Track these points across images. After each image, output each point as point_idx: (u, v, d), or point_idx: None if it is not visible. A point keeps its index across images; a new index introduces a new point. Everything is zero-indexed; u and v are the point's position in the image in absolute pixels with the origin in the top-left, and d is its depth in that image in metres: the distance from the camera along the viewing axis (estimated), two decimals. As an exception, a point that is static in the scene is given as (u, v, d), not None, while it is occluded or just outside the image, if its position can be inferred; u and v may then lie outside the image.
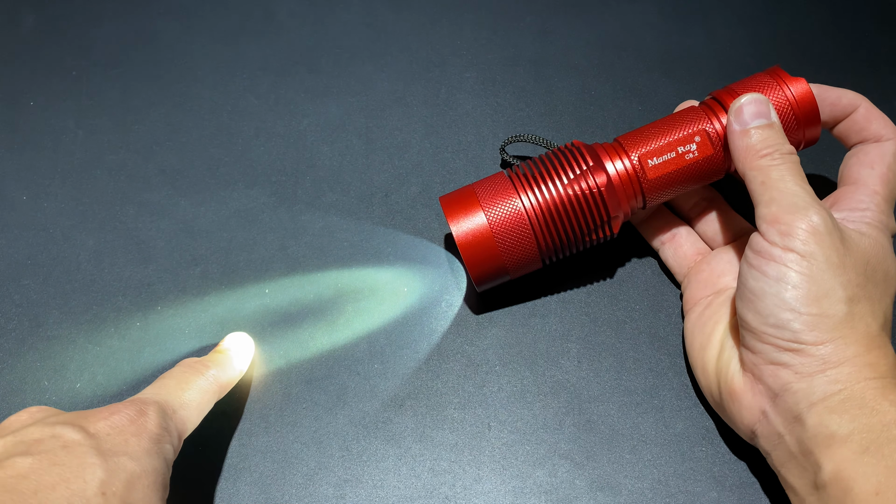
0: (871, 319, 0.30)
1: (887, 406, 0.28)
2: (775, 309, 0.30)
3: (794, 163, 0.32)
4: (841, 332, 0.29)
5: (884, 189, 0.33)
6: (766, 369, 0.30)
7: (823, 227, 0.30)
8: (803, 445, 0.29)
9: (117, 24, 0.50)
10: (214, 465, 0.35)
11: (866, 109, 0.35)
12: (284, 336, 0.39)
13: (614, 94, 0.47)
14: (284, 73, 0.48)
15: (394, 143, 0.45)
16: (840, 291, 0.29)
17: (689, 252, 0.39)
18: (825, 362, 0.29)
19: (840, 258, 0.30)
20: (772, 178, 0.31)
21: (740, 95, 0.34)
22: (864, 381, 0.28)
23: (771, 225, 0.31)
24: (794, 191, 0.31)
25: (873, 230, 0.32)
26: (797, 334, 0.29)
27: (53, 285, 0.41)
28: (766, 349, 0.30)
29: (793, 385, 0.29)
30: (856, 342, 0.29)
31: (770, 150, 0.32)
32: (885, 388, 0.28)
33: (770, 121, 0.33)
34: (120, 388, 0.38)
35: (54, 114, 0.47)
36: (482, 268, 0.36)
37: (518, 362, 0.38)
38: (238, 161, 0.45)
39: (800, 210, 0.30)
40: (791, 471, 0.30)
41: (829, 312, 0.29)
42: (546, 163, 0.36)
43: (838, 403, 0.28)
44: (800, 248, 0.30)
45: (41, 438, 0.27)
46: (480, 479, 0.35)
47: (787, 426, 0.30)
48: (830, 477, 0.27)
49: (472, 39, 0.49)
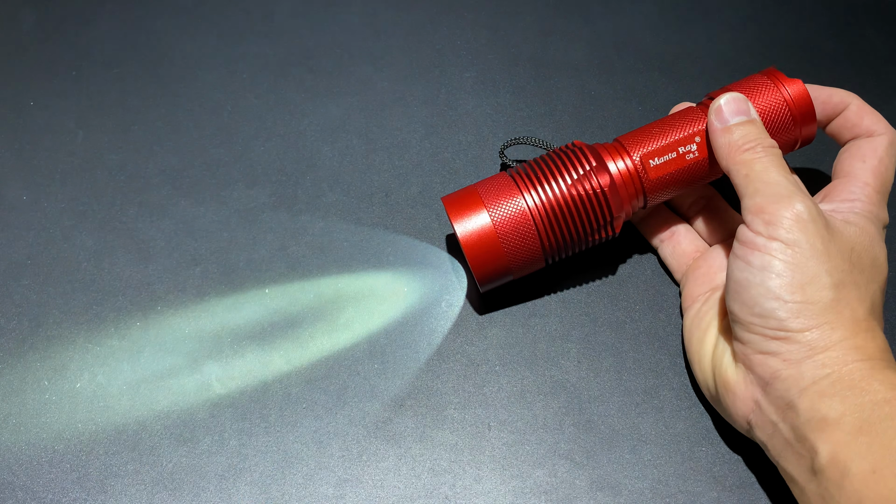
0: (857, 305, 0.30)
1: (877, 385, 0.28)
2: (760, 298, 0.30)
3: (776, 155, 0.32)
4: (827, 318, 0.29)
5: (875, 181, 0.34)
6: (756, 358, 0.31)
7: (807, 214, 0.30)
8: (798, 432, 0.29)
9: (117, 24, 0.50)
10: (214, 465, 0.35)
11: (857, 106, 0.36)
12: (284, 336, 0.39)
13: (614, 94, 0.47)
14: (284, 73, 0.48)
15: (394, 143, 0.45)
16: (825, 278, 0.30)
17: (687, 250, 0.39)
18: (812, 348, 0.29)
19: (825, 245, 0.30)
20: (755, 171, 0.32)
21: (719, 96, 0.35)
22: (852, 363, 0.29)
23: (756, 215, 0.31)
24: (778, 181, 0.31)
25: (861, 219, 0.32)
26: (783, 322, 0.30)
27: (53, 285, 0.41)
28: (755, 339, 0.31)
29: (782, 372, 0.30)
30: (842, 326, 0.29)
31: (752, 145, 0.33)
32: (873, 369, 0.28)
33: (750, 117, 0.34)
34: (120, 388, 0.38)
35: (54, 114, 0.47)
36: (486, 268, 0.36)
37: (518, 362, 0.38)
38: (238, 161, 0.44)
39: (783, 199, 0.31)
40: (788, 459, 0.30)
41: (814, 299, 0.29)
42: (549, 163, 0.36)
43: (828, 386, 0.28)
44: (784, 236, 0.30)
45: None
46: (480, 479, 0.35)
47: (780, 414, 0.30)
48: (827, 460, 0.28)
49: (472, 39, 0.49)
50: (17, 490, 0.35)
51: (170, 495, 0.35)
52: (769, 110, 0.35)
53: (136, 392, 0.37)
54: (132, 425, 0.36)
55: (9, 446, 0.36)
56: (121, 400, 0.37)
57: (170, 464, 0.35)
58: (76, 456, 0.36)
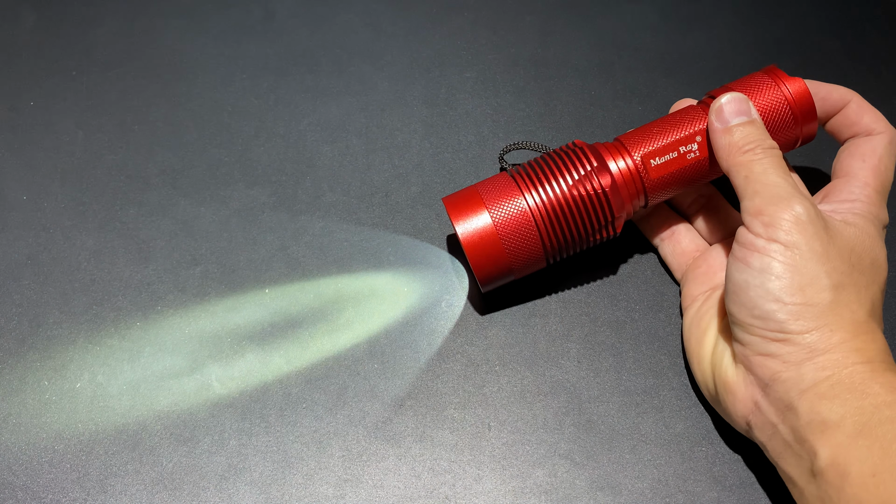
0: (856, 306, 0.30)
1: (877, 388, 0.28)
2: (759, 300, 0.30)
3: (776, 157, 0.32)
4: (826, 320, 0.29)
5: (875, 181, 0.34)
6: (756, 360, 0.31)
7: (806, 216, 0.30)
8: (797, 434, 0.29)
9: (117, 24, 0.50)
10: (214, 465, 0.35)
11: (857, 104, 0.36)
12: (284, 336, 0.39)
13: (614, 94, 0.47)
14: (284, 73, 0.48)
15: (394, 143, 0.45)
16: (825, 279, 0.30)
17: (687, 249, 0.39)
18: (812, 350, 0.29)
19: (824, 247, 0.30)
20: (755, 172, 0.32)
21: (720, 96, 0.34)
22: (852, 365, 0.29)
23: (755, 217, 0.31)
24: (777, 182, 0.31)
25: (860, 220, 0.32)
26: (782, 324, 0.30)
27: (53, 285, 0.41)
28: (754, 341, 0.30)
29: (782, 374, 0.30)
30: (842, 329, 0.29)
31: (752, 146, 0.33)
32: (873, 372, 0.28)
33: (751, 117, 0.34)
34: (120, 388, 0.38)
35: (54, 114, 0.47)
36: (487, 269, 0.36)
37: (518, 362, 0.38)
38: (238, 161, 0.44)
39: (783, 201, 0.31)
40: (788, 461, 0.30)
41: (814, 301, 0.29)
42: (550, 163, 0.36)
43: (828, 389, 0.28)
44: (783, 238, 0.30)
45: None
46: (480, 479, 0.35)
47: (779, 415, 0.30)
48: (826, 463, 0.27)
49: (472, 39, 0.49)
50: (17, 490, 0.35)
51: (170, 495, 0.35)
52: (770, 109, 0.35)
53: (136, 392, 0.37)
54: (132, 425, 0.36)
55: (9, 446, 0.36)
56: (121, 400, 0.37)
57: (170, 464, 0.35)
58: (76, 456, 0.36)
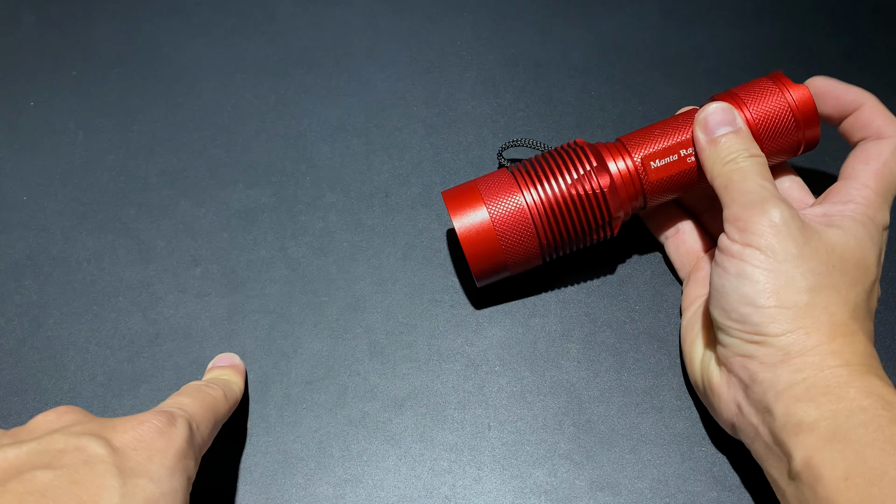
0: (836, 308, 0.30)
1: (853, 393, 0.28)
2: (736, 304, 0.30)
3: (756, 164, 0.33)
4: (802, 322, 0.29)
5: (876, 184, 0.33)
6: (736, 361, 0.31)
7: (780, 219, 0.30)
8: (775, 436, 0.29)
9: (117, 24, 0.50)
10: (214, 465, 0.35)
11: (871, 107, 0.35)
12: (284, 336, 0.39)
13: (614, 94, 0.47)
14: (284, 73, 0.48)
15: (394, 143, 0.45)
16: (800, 281, 0.30)
17: (692, 248, 0.39)
18: (787, 353, 0.29)
19: (799, 249, 0.30)
20: (733, 181, 0.32)
21: (705, 105, 0.35)
22: (828, 369, 0.29)
23: (732, 223, 0.32)
24: (752, 189, 0.32)
25: (849, 221, 0.32)
26: (758, 327, 0.30)
27: (53, 285, 0.41)
28: (734, 342, 0.31)
29: (759, 375, 0.30)
30: (818, 331, 0.29)
31: (734, 156, 0.33)
32: (850, 376, 0.28)
33: (735, 127, 0.34)
34: (120, 388, 0.38)
35: (54, 114, 0.47)
36: (483, 263, 0.36)
37: (518, 362, 0.38)
38: (238, 161, 0.44)
39: (756, 206, 0.31)
40: (770, 462, 0.30)
41: (789, 303, 0.30)
42: (549, 161, 0.36)
43: (803, 392, 0.29)
44: (757, 242, 0.30)
45: (64, 449, 0.26)
46: (480, 479, 0.35)
47: (759, 417, 0.30)
48: (801, 465, 0.28)
49: (472, 39, 0.49)
50: (18, 490, 0.35)
51: (170, 495, 0.35)
52: (772, 114, 0.35)
53: (135, 392, 0.37)
54: (132, 425, 0.36)
55: (9, 446, 0.36)
56: (121, 400, 0.37)
57: (170, 464, 0.35)
58: (76, 456, 0.36)
